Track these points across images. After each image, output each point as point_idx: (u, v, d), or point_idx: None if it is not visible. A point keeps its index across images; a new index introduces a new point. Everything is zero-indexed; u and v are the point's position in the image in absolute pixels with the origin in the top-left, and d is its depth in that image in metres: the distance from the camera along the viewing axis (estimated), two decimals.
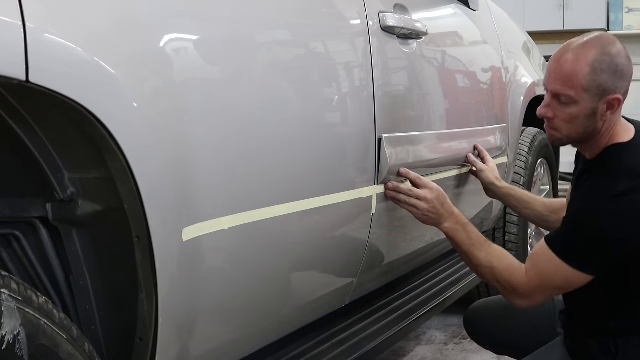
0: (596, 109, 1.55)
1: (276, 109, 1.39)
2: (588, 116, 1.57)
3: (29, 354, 0.91)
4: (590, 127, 1.58)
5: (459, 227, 1.75)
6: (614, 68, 1.53)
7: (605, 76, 1.53)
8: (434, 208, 1.76)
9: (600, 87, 1.53)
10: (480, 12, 2.70)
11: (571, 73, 1.55)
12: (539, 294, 1.63)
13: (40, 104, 1.04)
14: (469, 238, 1.73)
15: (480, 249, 1.71)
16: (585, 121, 1.57)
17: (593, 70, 1.53)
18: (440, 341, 2.93)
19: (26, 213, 1.18)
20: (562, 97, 1.57)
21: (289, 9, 1.51)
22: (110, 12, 1.05)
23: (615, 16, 7.88)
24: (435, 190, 1.78)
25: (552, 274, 1.58)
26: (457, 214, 1.77)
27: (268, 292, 1.47)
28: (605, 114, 1.56)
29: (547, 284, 1.61)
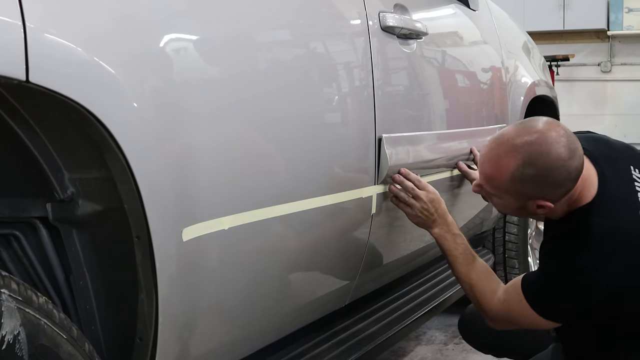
0: (524, 206, 1.53)
1: (276, 109, 1.39)
2: (517, 209, 1.57)
3: (29, 354, 0.91)
4: (527, 215, 1.59)
5: (448, 236, 1.74)
6: (540, 181, 1.46)
7: (527, 186, 1.47)
8: (427, 211, 1.75)
9: (523, 194, 1.50)
10: (480, 12, 2.70)
11: (491, 176, 1.52)
12: (506, 325, 1.67)
13: (40, 104, 1.04)
14: (455, 249, 1.72)
15: (462, 263, 1.70)
16: (517, 212, 1.60)
17: (512, 179, 1.47)
18: (440, 341, 2.93)
19: (26, 213, 1.18)
20: (485, 190, 1.57)
21: (289, 9, 1.51)
22: (111, 12, 1.05)
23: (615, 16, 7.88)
24: (432, 193, 1.77)
25: (519, 315, 1.59)
26: (449, 222, 1.76)
27: (268, 292, 1.48)
28: (536, 211, 1.52)
29: (513, 321, 1.63)
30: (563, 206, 1.53)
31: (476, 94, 2.51)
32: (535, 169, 1.45)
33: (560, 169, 1.44)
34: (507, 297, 1.62)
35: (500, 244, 2.98)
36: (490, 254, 2.89)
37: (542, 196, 1.48)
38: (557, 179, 1.45)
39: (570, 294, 1.52)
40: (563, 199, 1.51)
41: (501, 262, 2.99)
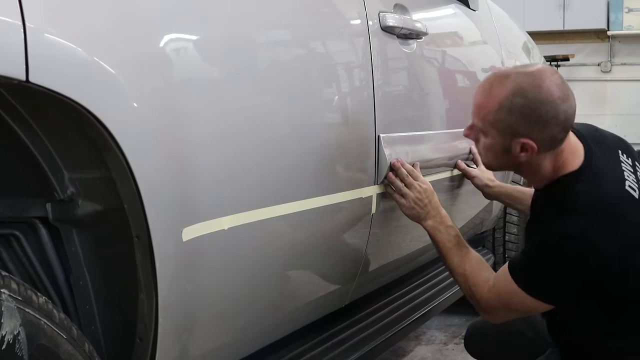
0: (509, 147, 1.49)
1: (276, 109, 1.39)
2: (502, 151, 1.52)
3: (28, 354, 0.91)
4: (510, 162, 1.53)
5: (441, 228, 1.73)
6: (527, 112, 1.44)
7: (513, 118, 1.45)
8: (420, 201, 1.74)
9: (508, 128, 1.47)
10: (480, 12, 2.69)
11: (481, 105, 1.51)
12: (500, 313, 1.62)
13: (40, 104, 1.04)
14: (448, 241, 1.71)
15: (455, 254, 1.68)
16: (501, 155, 1.53)
17: (500, 108, 1.46)
18: (440, 341, 2.92)
19: (26, 213, 1.18)
20: (475, 125, 1.55)
21: (289, 9, 1.51)
22: (110, 12, 1.05)
23: (615, 16, 7.88)
24: (425, 184, 1.76)
25: (509, 298, 1.56)
26: (442, 215, 1.75)
27: (268, 292, 1.47)
28: (521, 154, 1.49)
29: (505, 306, 1.59)
30: (547, 166, 1.51)
31: None
32: (524, 99, 1.44)
33: (548, 106, 1.43)
34: (496, 282, 1.60)
35: (500, 244, 2.98)
36: (490, 254, 2.89)
37: (527, 133, 1.45)
38: (544, 115, 1.43)
39: (553, 262, 1.48)
40: (547, 151, 1.48)
41: (501, 262, 2.99)
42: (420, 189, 1.75)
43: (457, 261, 1.68)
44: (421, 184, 1.76)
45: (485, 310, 1.64)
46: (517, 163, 1.53)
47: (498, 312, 1.62)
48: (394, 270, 2.13)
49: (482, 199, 2.56)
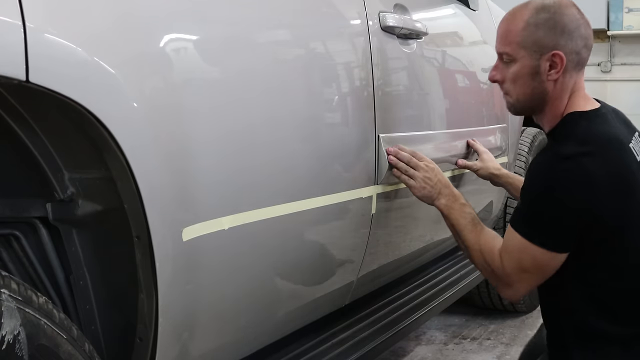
0: (538, 67, 1.51)
1: (276, 109, 1.39)
2: (531, 75, 1.53)
3: (28, 354, 0.91)
4: (538, 89, 1.54)
5: (455, 206, 1.71)
6: (552, 24, 1.50)
7: (541, 32, 1.50)
8: (430, 180, 1.73)
9: (536, 43, 1.51)
10: (480, 12, 2.70)
11: (507, 30, 1.56)
12: (516, 279, 1.54)
13: (40, 104, 1.04)
14: (463, 218, 1.68)
15: (471, 231, 1.65)
16: (530, 81, 1.53)
17: (527, 25, 1.51)
18: (440, 341, 2.93)
19: (26, 213, 1.18)
20: (503, 55, 1.56)
21: (289, 9, 1.51)
22: (110, 12, 1.05)
23: (615, 16, 7.88)
24: (431, 162, 1.75)
25: (518, 255, 1.51)
26: (455, 193, 1.74)
27: (268, 292, 1.47)
28: (550, 73, 1.51)
29: (518, 266, 1.52)
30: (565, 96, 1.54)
31: (476, 93, 2.51)
32: (547, 13, 1.51)
33: (571, 17, 1.51)
34: (504, 244, 1.56)
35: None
36: None
37: (554, 45, 1.49)
38: (568, 25, 1.50)
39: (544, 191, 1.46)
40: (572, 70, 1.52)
41: None
42: (427, 167, 1.74)
43: (472, 238, 1.65)
44: (427, 163, 1.75)
45: (502, 280, 1.57)
46: (544, 89, 1.53)
47: (513, 278, 1.54)
48: (394, 270, 2.13)
49: (482, 199, 2.57)
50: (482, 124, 2.46)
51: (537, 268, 1.51)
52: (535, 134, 3.12)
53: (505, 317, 3.19)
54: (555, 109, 1.56)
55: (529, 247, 1.49)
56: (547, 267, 1.51)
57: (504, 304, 3.15)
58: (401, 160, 1.74)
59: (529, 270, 1.52)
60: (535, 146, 3.05)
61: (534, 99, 1.56)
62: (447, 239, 2.46)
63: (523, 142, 2.99)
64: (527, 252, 1.49)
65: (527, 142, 3.01)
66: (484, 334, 3.01)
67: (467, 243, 1.66)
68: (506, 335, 2.99)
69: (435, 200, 1.74)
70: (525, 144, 2.99)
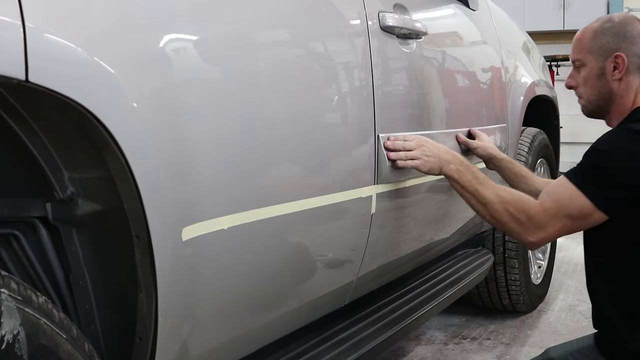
0: (604, 68, 1.71)
1: (276, 109, 1.39)
2: (598, 77, 1.72)
3: (28, 354, 0.91)
4: (604, 88, 1.72)
5: (463, 169, 1.78)
6: (616, 31, 1.71)
7: (606, 38, 1.71)
8: (429, 151, 1.80)
9: (601, 48, 1.71)
10: (480, 12, 2.70)
11: (578, 39, 1.77)
12: (554, 222, 1.61)
13: (39, 104, 1.04)
14: (475, 177, 1.75)
15: (487, 187, 1.73)
16: (597, 81, 1.73)
17: (594, 34, 1.73)
18: (440, 341, 2.93)
19: (26, 213, 1.18)
20: (575, 62, 1.77)
21: (289, 9, 1.51)
22: (110, 12, 1.05)
23: None
24: (417, 137, 1.82)
25: (568, 201, 1.59)
26: (457, 156, 1.82)
27: (267, 292, 1.48)
28: (614, 73, 1.70)
29: (563, 210, 1.60)
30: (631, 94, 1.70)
31: (476, 93, 2.51)
32: (612, 23, 1.73)
33: (633, 26, 1.71)
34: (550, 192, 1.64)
35: (500, 243, 2.99)
36: (490, 254, 2.89)
37: (617, 48, 1.70)
38: (630, 32, 1.71)
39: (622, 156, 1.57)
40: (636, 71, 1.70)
41: (501, 262, 2.99)
42: (418, 142, 1.81)
43: (490, 193, 1.71)
44: (416, 139, 1.81)
45: (538, 223, 1.63)
46: (610, 89, 1.72)
47: (549, 222, 1.62)
48: (393, 270, 2.13)
49: None
50: (481, 124, 2.46)
51: (581, 217, 1.60)
52: (535, 133, 3.12)
53: (505, 317, 3.19)
54: (622, 107, 1.72)
55: (580, 197, 1.58)
56: (585, 220, 1.60)
57: (504, 304, 3.15)
58: (396, 149, 1.77)
59: (573, 216, 1.60)
60: (535, 146, 3.05)
61: (602, 98, 1.73)
62: (447, 239, 2.46)
63: (523, 142, 2.99)
64: (577, 201, 1.58)
65: (527, 142, 3.01)
66: (484, 334, 3.01)
67: (486, 199, 1.72)
68: (506, 335, 2.99)
69: (444, 168, 1.80)
70: (525, 144, 2.99)
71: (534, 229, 1.64)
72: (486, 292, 3.12)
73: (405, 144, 1.78)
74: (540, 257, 3.39)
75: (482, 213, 1.75)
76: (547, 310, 3.32)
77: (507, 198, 1.69)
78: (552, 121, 3.52)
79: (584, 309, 3.30)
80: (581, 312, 3.27)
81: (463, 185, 1.77)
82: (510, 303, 3.13)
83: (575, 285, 3.72)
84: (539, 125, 3.24)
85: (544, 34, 7.73)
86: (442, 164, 1.80)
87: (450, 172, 1.79)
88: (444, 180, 2.13)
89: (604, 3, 7.83)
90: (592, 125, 2.22)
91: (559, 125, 3.59)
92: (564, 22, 7.96)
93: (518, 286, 3.05)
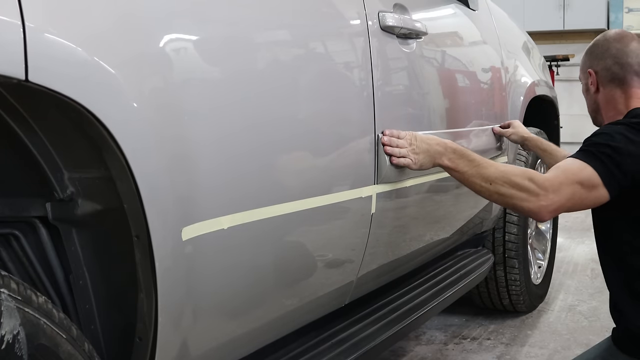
0: (587, 84, 1.90)
1: (276, 109, 1.39)
2: (586, 91, 1.92)
3: (28, 354, 0.91)
4: (591, 100, 1.90)
5: (455, 157, 1.76)
6: (589, 51, 1.90)
7: (584, 58, 1.91)
8: (417, 147, 1.78)
9: (582, 67, 1.92)
10: (480, 12, 2.70)
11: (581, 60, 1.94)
12: (564, 187, 1.61)
13: (39, 104, 1.04)
14: (471, 162, 1.74)
15: (486, 167, 1.71)
16: (587, 95, 1.92)
17: (586, 53, 1.92)
18: (440, 341, 2.93)
19: (26, 213, 1.18)
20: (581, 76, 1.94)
21: (289, 9, 1.51)
22: (110, 12, 1.05)
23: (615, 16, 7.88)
24: (406, 134, 1.79)
25: (577, 170, 1.63)
26: (451, 145, 1.79)
27: (267, 292, 1.48)
28: (590, 87, 1.88)
29: (573, 177, 1.61)
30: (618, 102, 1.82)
31: (476, 93, 2.51)
32: (593, 42, 1.91)
33: (613, 42, 1.85)
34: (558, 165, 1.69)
35: (500, 244, 2.99)
36: (490, 254, 2.89)
37: (589, 65, 1.88)
38: (601, 48, 1.86)
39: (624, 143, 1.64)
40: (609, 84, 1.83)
41: (501, 262, 2.99)
42: (408, 140, 1.78)
43: (492, 171, 1.70)
44: (406, 137, 1.79)
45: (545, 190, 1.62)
46: (595, 100, 1.89)
47: (558, 190, 1.61)
48: (393, 270, 2.13)
49: (481, 199, 2.56)
50: (482, 124, 2.47)
51: (589, 186, 1.62)
52: (535, 133, 3.12)
53: (505, 317, 3.19)
54: (613, 113, 1.83)
55: (587, 167, 1.63)
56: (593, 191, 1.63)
57: (504, 304, 3.15)
58: (390, 145, 1.76)
59: (582, 182, 1.62)
60: None
61: (593, 109, 1.91)
62: (447, 238, 2.46)
63: None
64: (585, 170, 1.63)
65: None
66: (484, 334, 3.01)
67: (489, 178, 1.70)
68: (506, 335, 2.99)
69: (437, 161, 1.79)
70: None
71: (543, 192, 1.61)
72: (486, 292, 3.12)
73: (398, 141, 1.76)
74: (540, 257, 3.39)
75: (489, 193, 1.72)
76: (547, 310, 3.32)
77: (509, 172, 1.68)
78: (552, 121, 3.53)
79: (584, 309, 3.30)
80: (581, 312, 3.27)
81: (461, 171, 1.75)
82: (510, 303, 3.13)
83: (575, 285, 3.72)
84: (539, 125, 3.24)
85: (544, 34, 7.73)
86: (434, 157, 1.78)
87: (444, 163, 1.77)
88: (444, 181, 2.14)
89: (604, 3, 7.83)
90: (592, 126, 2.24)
91: (559, 125, 3.59)
92: (564, 22, 7.96)
93: (518, 286, 3.05)
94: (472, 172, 1.73)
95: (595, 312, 3.25)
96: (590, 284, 3.72)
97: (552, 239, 3.47)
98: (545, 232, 3.45)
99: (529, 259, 3.18)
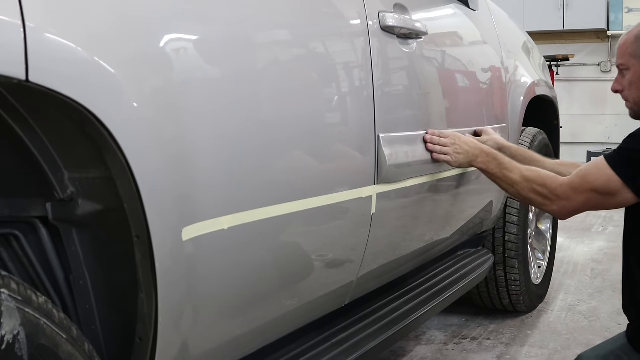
0: None
1: (276, 109, 1.39)
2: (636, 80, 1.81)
3: (28, 354, 0.91)
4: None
5: (489, 159, 1.99)
6: None
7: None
8: (460, 148, 2.01)
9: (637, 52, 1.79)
10: (480, 12, 2.70)
11: (622, 44, 1.84)
12: (576, 195, 1.76)
13: (40, 104, 1.04)
14: (500, 165, 1.96)
15: (512, 171, 1.93)
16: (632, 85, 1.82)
17: (636, 39, 1.79)
18: (440, 341, 2.93)
19: (26, 213, 1.18)
20: (619, 67, 1.84)
21: (289, 9, 1.51)
22: (111, 12, 1.05)
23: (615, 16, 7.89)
24: (450, 134, 2.02)
25: (595, 177, 1.72)
26: (486, 149, 2.02)
27: (268, 292, 1.48)
28: None
29: (588, 185, 1.74)
30: None
31: (476, 93, 2.51)
32: None
33: None
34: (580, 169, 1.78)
35: (500, 244, 2.99)
36: (490, 254, 2.89)
37: None
38: None
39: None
40: None
41: (501, 262, 2.99)
42: (451, 139, 2.01)
43: (516, 174, 1.91)
44: (450, 136, 2.01)
45: (562, 193, 1.78)
46: None
47: (574, 194, 1.76)
48: (393, 270, 2.13)
49: (482, 199, 2.57)
50: (482, 124, 2.46)
51: (605, 192, 1.72)
52: (535, 133, 3.12)
53: (505, 317, 3.19)
54: None
55: (608, 173, 1.69)
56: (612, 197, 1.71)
57: (504, 304, 3.15)
58: (432, 142, 1.98)
59: (596, 190, 1.73)
60: (534, 146, 3.05)
61: None
62: (447, 239, 2.46)
63: (523, 142, 2.99)
64: (603, 177, 1.70)
65: (527, 142, 3.01)
66: (484, 334, 3.01)
67: (512, 181, 1.93)
68: (506, 335, 2.99)
69: (472, 162, 2.03)
70: (525, 144, 2.99)
71: (556, 200, 1.81)
72: (486, 292, 3.12)
73: (441, 140, 1.99)
74: (540, 257, 3.39)
75: (512, 193, 1.98)
76: (547, 310, 3.32)
77: (531, 177, 1.88)
78: (552, 121, 3.53)
79: (584, 309, 3.30)
80: (581, 312, 3.27)
81: (491, 173, 1.99)
82: (510, 303, 3.13)
83: (575, 285, 3.73)
84: (539, 125, 3.24)
85: (544, 34, 7.73)
86: (471, 159, 2.02)
87: (478, 165, 2.02)
88: (444, 181, 2.15)
89: (604, 3, 7.83)
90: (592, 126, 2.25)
91: (559, 125, 3.59)
92: (564, 22, 7.96)
93: (518, 286, 3.05)
94: (500, 175, 1.97)
95: (595, 312, 3.26)
96: (590, 284, 3.72)
97: (552, 239, 3.47)
98: (545, 232, 3.45)
99: (529, 259, 3.18)
